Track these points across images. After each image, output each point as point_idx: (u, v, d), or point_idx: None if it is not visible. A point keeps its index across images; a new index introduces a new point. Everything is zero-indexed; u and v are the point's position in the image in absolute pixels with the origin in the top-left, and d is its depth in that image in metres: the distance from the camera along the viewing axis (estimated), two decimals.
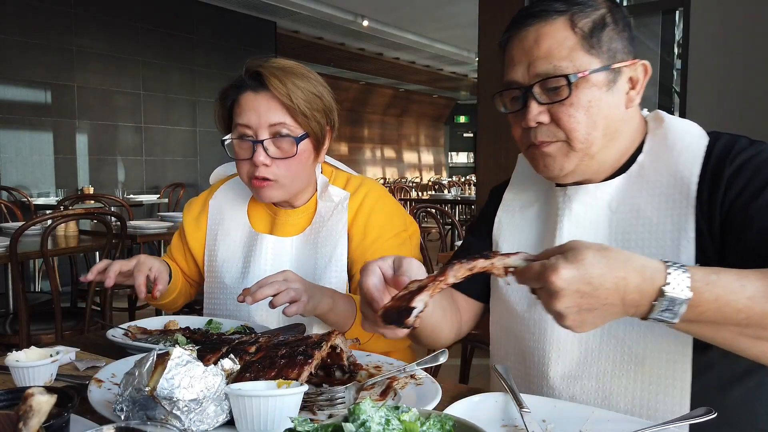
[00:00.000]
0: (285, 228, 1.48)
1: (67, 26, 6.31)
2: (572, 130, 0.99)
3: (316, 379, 1.01)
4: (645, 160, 1.04)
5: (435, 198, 9.78)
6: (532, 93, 1.00)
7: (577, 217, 1.07)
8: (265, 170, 1.36)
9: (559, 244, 1.05)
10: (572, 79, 0.97)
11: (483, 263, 0.79)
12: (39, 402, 0.62)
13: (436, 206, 4.62)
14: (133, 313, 4.08)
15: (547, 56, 0.98)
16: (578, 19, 0.99)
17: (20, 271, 2.73)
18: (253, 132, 1.35)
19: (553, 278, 0.74)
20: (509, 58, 1.04)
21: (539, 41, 0.99)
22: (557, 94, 0.99)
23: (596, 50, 0.98)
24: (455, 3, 8.33)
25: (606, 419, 0.87)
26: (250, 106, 1.35)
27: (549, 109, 1.00)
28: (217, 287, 1.51)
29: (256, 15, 8.41)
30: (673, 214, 0.98)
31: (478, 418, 0.75)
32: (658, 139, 1.05)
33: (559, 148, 1.01)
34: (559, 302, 0.75)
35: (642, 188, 1.03)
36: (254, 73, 1.36)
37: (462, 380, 2.93)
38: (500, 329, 1.18)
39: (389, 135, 17.21)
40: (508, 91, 1.05)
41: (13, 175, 6.01)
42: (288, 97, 1.33)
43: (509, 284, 0.85)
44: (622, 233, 1.03)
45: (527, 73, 1.00)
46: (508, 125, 1.10)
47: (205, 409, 0.78)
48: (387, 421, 0.64)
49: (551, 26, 0.99)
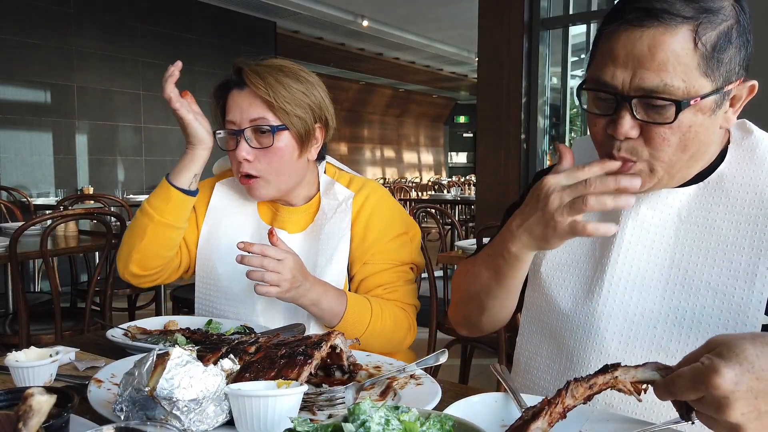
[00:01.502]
0: (286, 225, 1.49)
1: (66, 26, 6.31)
2: (659, 151, 0.90)
3: (316, 379, 1.01)
4: (726, 172, 0.97)
5: (435, 198, 9.77)
6: (630, 104, 0.88)
7: (643, 220, 1.01)
8: (248, 166, 1.39)
9: (618, 245, 1.01)
10: (683, 106, 0.85)
11: (604, 379, 0.70)
12: (39, 402, 0.62)
13: (436, 206, 4.62)
14: (132, 313, 4.08)
15: (659, 70, 0.85)
16: (704, 32, 0.85)
17: (20, 271, 2.72)
18: (236, 127, 1.40)
19: (718, 382, 0.62)
20: (609, 53, 0.90)
21: (654, 50, 0.85)
22: (659, 115, 0.87)
23: (713, 72, 0.86)
24: (455, 3, 8.33)
25: (606, 419, 0.87)
26: (235, 102, 1.41)
27: (642, 126, 0.89)
28: (214, 276, 1.49)
29: (256, 15, 8.40)
30: (753, 236, 0.92)
31: (478, 418, 0.75)
32: (744, 152, 0.98)
33: (642, 168, 0.92)
34: (733, 410, 0.63)
35: (719, 201, 0.96)
36: (237, 70, 1.42)
37: (462, 380, 2.94)
38: (535, 322, 1.14)
39: (389, 135, 17.20)
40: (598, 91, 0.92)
41: (13, 175, 6.00)
42: (266, 92, 1.37)
43: (641, 401, 0.74)
44: (689, 244, 0.97)
45: (630, 81, 0.87)
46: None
47: (205, 409, 0.78)
48: (387, 421, 0.64)
49: (672, 36, 0.85)
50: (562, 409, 0.70)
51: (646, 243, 1.01)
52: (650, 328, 0.98)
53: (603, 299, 1.02)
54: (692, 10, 0.86)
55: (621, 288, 1.01)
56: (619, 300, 1.01)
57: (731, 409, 0.63)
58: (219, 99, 1.46)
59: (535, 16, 4.36)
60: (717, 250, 0.95)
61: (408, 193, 10.85)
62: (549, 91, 4.49)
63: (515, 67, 4.38)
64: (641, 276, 1.00)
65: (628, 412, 0.97)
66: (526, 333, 1.17)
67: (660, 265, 1.00)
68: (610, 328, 1.01)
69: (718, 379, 0.63)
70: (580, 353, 1.03)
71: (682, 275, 0.97)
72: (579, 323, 1.04)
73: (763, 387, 0.64)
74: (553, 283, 1.10)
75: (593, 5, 4.51)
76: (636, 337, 0.99)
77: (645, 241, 1.01)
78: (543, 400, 0.72)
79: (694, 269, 0.97)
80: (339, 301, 1.33)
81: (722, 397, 0.63)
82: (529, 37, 4.37)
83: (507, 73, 4.41)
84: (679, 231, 0.99)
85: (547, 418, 0.69)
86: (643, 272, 1.00)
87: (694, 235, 0.97)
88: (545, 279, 1.11)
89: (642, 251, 1.01)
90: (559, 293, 1.08)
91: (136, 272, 1.45)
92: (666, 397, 0.69)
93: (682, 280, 0.97)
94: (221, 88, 1.45)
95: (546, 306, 1.11)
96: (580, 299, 1.05)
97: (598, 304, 1.02)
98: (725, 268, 0.93)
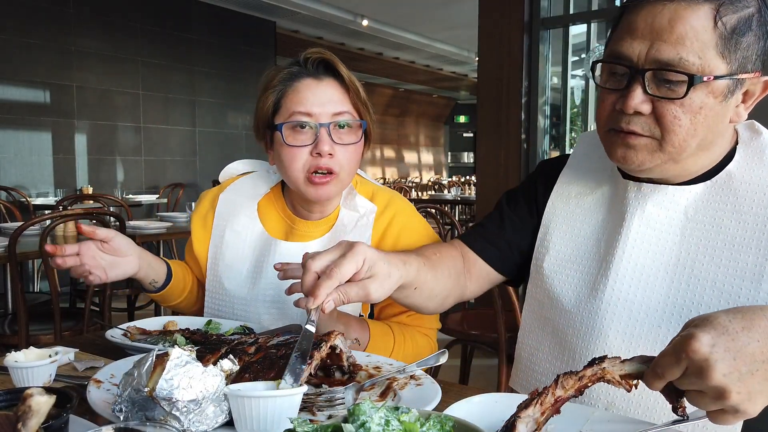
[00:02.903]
0: (302, 238, 1.41)
1: (66, 26, 6.31)
2: (671, 132, 0.90)
3: (316, 379, 1.01)
4: (735, 171, 0.98)
5: (435, 198, 9.77)
6: (642, 78, 0.89)
7: (650, 217, 1.01)
8: (329, 160, 1.28)
9: (624, 242, 1.01)
10: (696, 81, 0.86)
11: (592, 371, 0.72)
12: (38, 402, 0.62)
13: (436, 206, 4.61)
14: (132, 313, 4.08)
15: (677, 43, 0.86)
16: (725, 12, 0.86)
17: (19, 272, 2.73)
18: (314, 120, 1.29)
19: (695, 346, 0.65)
20: (629, 26, 0.91)
21: (674, 23, 0.86)
22: (671, 90, 0.88)
23: (730, 54, 0.87)
24: (455, 3, 8.33)
25: (606, 420, 0.87)
26: (312, 93, 1.30)
27: (653, 101, 0.90)
28: (221, 290, 1.45)
29: (256, 15, 8.40)
30: (761, 237, 0.93)
31: (478, 418, 0.75)
32: (753, 152, 0.99)
33: (648, 144, 0.92)
34: (714, 372, 0.64)
35: (726, 200, 0.97)
36: (318, 59, 1.33)
37: (462, 380, 2.93)
38: (537, 318, 1.13)
39: (389, 135, 17.20)
40: (612, 64, 0.93)
41: (12, 175, 6.00)
42: (352, 83, 1.32)
43: (629, 391, 0.74)
44: (695, 243, 0.97)
45: (646, 53, 0.88)
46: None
47: (204, 409, 0.78)
48: (387, 421, 0.64)
49: (693, 11, 0.86)
50: (553, 400, 0.71)
51: (652, 240, 1.01)
52: (654, 326, 0.98)
53: (607, 296, 1.01)
54: None
55: (626, 285, 1.01)
56: (623, 297, 1.00)
57: (713, 370, 0.65)
58: (279, 89, 1.33)
59: (535, 16, 4.36)
60: (723, 249, 0.95)
61: (408, 193, 10.85)
62: (549, 91, 4.48)
63: (515, 67, 4.38)
64: (646, 273, 1.00)
65: (629, 412, 0.97)
66: (527, 329, 1.16)
67: (665, 262, 0.99)
68: (614, 325, 1.00)
69: (695, 344, 0.65)
70: (583, 350, 1.02)
71: (687, 273, 0.97)
72: (582, 320, 1.03)
73: (740, 346, 0.65)
74: (556, 278, 1.09)
75: (593, 5, 4.50)
76: (640, 334, 0.98)
77: (651, 238, 1.00)
78: (533, 391, 0.73)
79: (700, 268, 0.96)
80: (362, 331, 1.26)
81: (702, 361, 0.65)
82: (529, 37, 4.37)
83: (507, 73, 4.41)
84: (686, 229, 0.99)
85: (539, 407, 0.70)
86: (648, 269, 1.00)
87: (700, 234, 0.97)
88: (548, 274, 1.10)
89: (648, 248, 1.01)
90: (562, 289, 1.08)
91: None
92: (654, 381, 0.70)
93: (688, 279, 0.97)
94: (288, 78, 1.32)
95: (548, 302, 1.10)
96: (584, 295, 1.05)
97: (602, 301, 1.02)
98: (731, 268, 0.93)
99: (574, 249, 1.09)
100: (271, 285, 1.38)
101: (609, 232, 1.05)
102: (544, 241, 1.14)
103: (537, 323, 1.13)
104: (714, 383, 0.65)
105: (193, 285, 1.54)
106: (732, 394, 0.65)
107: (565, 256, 1.10)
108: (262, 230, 1.44)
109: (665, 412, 0.94)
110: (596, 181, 1.11)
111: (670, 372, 0.68)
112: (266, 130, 1.37)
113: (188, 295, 1.52)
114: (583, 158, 1.16)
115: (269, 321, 1.38)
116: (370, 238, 1.37)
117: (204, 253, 1.49)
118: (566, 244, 1.10)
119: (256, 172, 1.54)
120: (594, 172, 1.12)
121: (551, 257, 1.11)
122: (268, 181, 1.51)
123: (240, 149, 8.08)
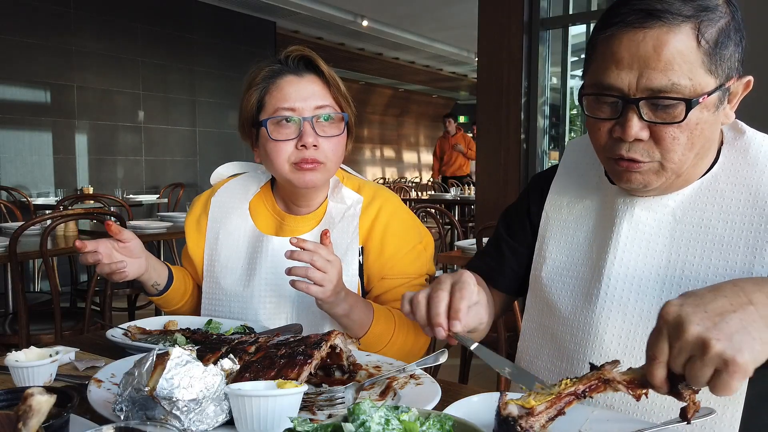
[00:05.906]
0: (292, 233, 1.43)
1: (66, 26, 6.31)
2: (670, 151, 0.90)
3: (316, 379, 1.01)
4: (720, 172, 0.98)
5: (435, 198, 9.77)
6: (637, 106, 0.88)
7: (638, 222, 1.01)
8: (314, 152, 1.33)
9: (614, 247, 1.03)
10: (693, 105, 0.86)
11: (592, 375, 0.75)
12: (38, 402, 0.62)
13: (436, 206, 4.61)
14: (132, 313, 4.08)
15: (666, 69, 0.86)
16: (705, 28, 0.86)
17: (20, 271, 2.73)
18: (298, 114, 1.33)
19: (666, 310, 0.69)
20: (612, 56, 0.89)
21: (659, 50, 0.85)
22: (668, 114, 0.88)
23: (716, 69, 0.87)
24: (455, 3, 8.33)
25: (606, 419, 0.87)
26: (294, 88, 1.34)
27: (650, 126, 0.90)
28: (218, 290, 1.46)
29: (256, 15, 8.40)
30: (748, 236, 0.93)
31: (477, 418, 0.75)
32: (737, 152, 0.99)
33: (651, 167, 0.93)
34: (689, 324, 0.67)
35: (713, 201, 0.97)
36: (299, 56, 1.37)
37: (462, 380, 2.93)
38: (536, 326, 1.14)
39: (389, 135, 17.19)
40: (602, 96, 0.92)
41: (13, 175, 6.01)
42: (332, 78, 1.36)
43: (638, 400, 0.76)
44: (684, 245, 0.98)
45: (636, 83, 0.87)
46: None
47: (205, 409, 0.78)
48: (386, 421, 0.64)
49: (675, 34, 0.85)
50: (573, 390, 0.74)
51: (642, 244, 1.01)
52: (649, 328, 0.97)
53: (601, 302, 1.02)
54: (691, 8, 0.86)
55: (618, 290, 1.02)
56: (617, 302, 1.01)
57: (687, 323, 0.67)
58: (262, 87, 1.37)
59: (534, 16, 4.36)
60: (713, 249, 0.95)
61: (408, 193, 10.85)
62: (549, 91, 4.48)
63: (515, 67, 4.38)
64: (638, 277, 1.01)
65: (629, 412, 0.98)
66: (527, 337, 1.17)
67: (656, 265, 1.00)
68: (609, 330, 1.01)
69: (666, 307, 0.69)
70: (581, 356, 1.03)
71: (678, 275, 0.98)
72: (579, 326, 1.04)
73: (707, 301, 0.69)
74: (553, 287, 1.10)
75: (593, 5, 4.50)
76: (635, 338, 0.99)
77: (641, 242, 1.01)
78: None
79: (690, 269, 0.97)
80: (367, 313, 1.29)
81: (675, 318, 0.68)
82: (528, 37, 4.37)
83: (507, 73, 4.41)
84: (675, 231, 0.99)
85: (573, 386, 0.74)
86: (640, 273, 1.01)
87: (689, 236, 0.98)
88: (545, 283, 1.12)
89: (638, 252, 1.02)
90: (559, 297, 1.09)
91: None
92: (652, 368, 0.70)
93: (679, 280, 0.97)
94: (270, 75, 1.37)
95: (547, 310, 1.11)
96: (579, 302, 1.06)
97: (597, 307, 1.02)
98: (721, 268, 0.94)
99: (569, 257, 1.10)
100: (266, 280, 1.40)
101: (600, 238, 1.06)
102: (541, 252, 1.16)
103: (537, 331, 1.14)
104: (691, 337, 0.66)
105: (193, 289, 1.55)
106: (712, 341, 0.65)
107: (560, 265, 1.11)
108: (254, 227, 1.47)
109: (665, 412, 0.94)
110: (586, 188, 1.13)
111: (659, 348, 0.69)
112: (251, 127, 1.41)
113: (189, 299, 1.54)
114: (572, 166, 1.17)
115: (265, 316, 1.39)
116: (357, 228, 1.40)
117: (200, 256, 1.51)
118: (561, 253, 1.11)
119: (246, 174, 1.57)
120: (583, 180, 1.13)
121: (548, 266, 1.12)
122: (258, 181, 1.54)
123: (240, 149, 8.08)
